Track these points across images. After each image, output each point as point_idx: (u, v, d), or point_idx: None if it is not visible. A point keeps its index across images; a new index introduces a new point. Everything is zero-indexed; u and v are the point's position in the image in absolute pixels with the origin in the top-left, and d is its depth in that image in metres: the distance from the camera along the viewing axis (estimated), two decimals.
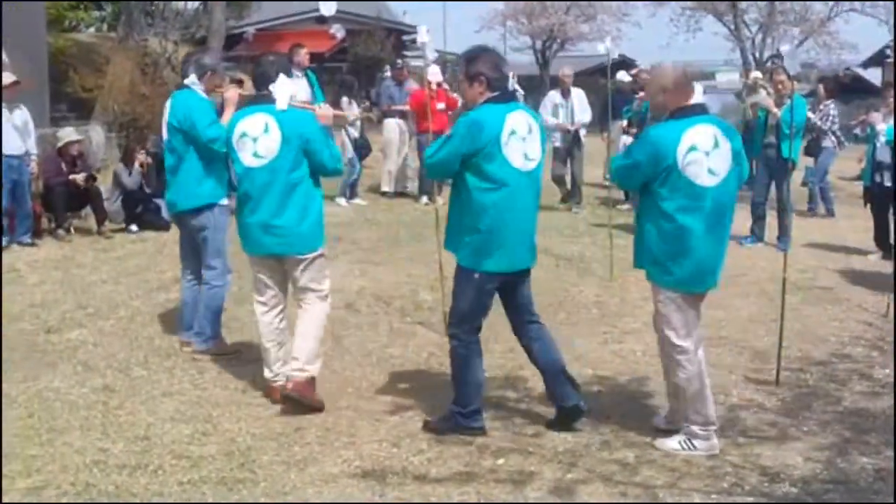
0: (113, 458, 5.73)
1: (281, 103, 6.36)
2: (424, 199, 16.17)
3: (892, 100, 11.70)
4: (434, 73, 15.60)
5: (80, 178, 12.78)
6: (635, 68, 21.25)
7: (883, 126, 11.52)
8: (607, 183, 15.30)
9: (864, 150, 12.51)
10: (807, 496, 5.32)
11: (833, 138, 15.81)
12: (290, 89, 6.46)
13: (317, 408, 6.50)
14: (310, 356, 6.54)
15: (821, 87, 16.34)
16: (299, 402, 6.44)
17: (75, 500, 5.20)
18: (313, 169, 6.53)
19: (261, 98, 6.59)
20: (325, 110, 6.86)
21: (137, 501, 5.20)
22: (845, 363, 7.77)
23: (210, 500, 5.23)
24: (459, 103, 17.51)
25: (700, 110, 5.82)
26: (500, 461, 5.72)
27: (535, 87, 24.36)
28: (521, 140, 5.80)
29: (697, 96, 5.87)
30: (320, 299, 6.70)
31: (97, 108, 18.01)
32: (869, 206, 12.09)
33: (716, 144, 5.66)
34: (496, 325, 6.70)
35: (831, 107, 15.87)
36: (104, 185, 13.60)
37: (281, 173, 6.41)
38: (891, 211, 11.55)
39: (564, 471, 5.59)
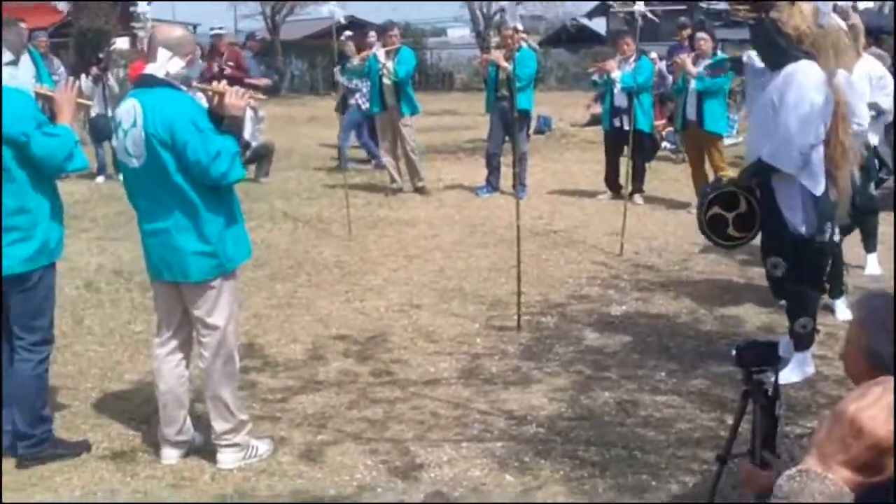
0: None
1: None
2: None
3: (625, 47, 12.21)
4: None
5: None
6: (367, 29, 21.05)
7: (618, 73, 12.01)
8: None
9: (590, 98, 12.92)
10: (554, 435, 5.46)
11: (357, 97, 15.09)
12: None
13: None
14: None
15: (350, 45, 15.84)
16: None
17: None
18: None
19: None
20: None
21: None
22: (583, 303, 8.02)
23: None
24: None
25: (142, 82, 5.06)
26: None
27: (267, 53, 23.99)
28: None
29: (153, 66, 4.95)
30: None
31: None
32: (604, 148, 12.57)
33: (133, 124, 4.87)
34: (242, 290, 6.56)
35: None
36: None
37: None
38: (625, 152, 11.98)
39: (314, 433, 5.56)
